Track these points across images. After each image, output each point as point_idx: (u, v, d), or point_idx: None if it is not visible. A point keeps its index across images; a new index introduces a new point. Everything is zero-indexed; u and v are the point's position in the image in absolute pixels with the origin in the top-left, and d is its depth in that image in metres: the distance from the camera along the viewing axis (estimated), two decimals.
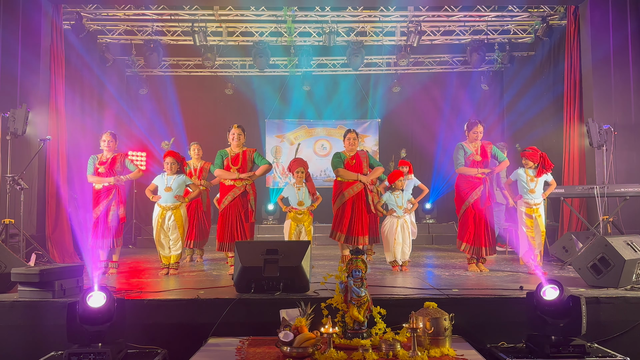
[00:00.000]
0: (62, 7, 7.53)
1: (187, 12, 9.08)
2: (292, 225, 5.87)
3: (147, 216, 9.40)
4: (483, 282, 4.60)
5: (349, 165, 5.63)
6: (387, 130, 11.79)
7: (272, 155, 11.74)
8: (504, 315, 3.59)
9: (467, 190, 5.38)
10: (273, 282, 3.80)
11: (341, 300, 3.23)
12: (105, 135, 5.56)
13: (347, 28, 9.77)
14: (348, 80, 11.44)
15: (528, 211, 5.30)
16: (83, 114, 8.46)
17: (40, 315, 3.56)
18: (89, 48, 9.02)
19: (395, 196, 5.56)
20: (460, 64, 11.03)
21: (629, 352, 3.22)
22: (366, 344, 3.02)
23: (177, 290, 4.11)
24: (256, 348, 3.13)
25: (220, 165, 5.34)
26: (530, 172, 5.33)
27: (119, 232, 5.49)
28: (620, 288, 4.02)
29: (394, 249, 5.46)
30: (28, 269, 3.92)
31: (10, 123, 6.07)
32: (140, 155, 10.14)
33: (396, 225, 5.47)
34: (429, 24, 9.65)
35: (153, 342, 3.36)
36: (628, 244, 4.31)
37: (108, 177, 5.43)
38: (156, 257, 5.70)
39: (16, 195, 5.98)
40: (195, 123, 11.18)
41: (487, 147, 5.46)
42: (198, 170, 6.55)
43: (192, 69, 11.08)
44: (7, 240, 5.65)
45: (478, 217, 5.33)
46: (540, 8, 8.88)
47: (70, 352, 2.96)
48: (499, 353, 3.19)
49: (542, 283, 3.14)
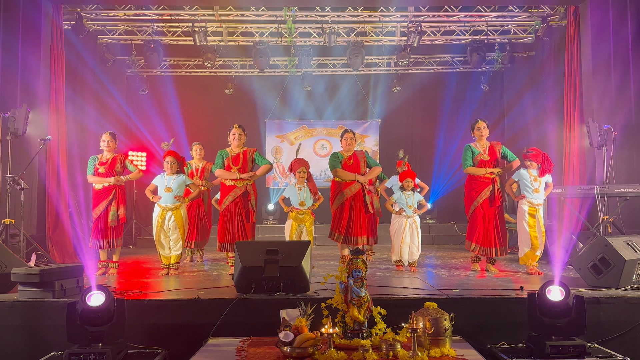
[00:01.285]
0: (62, 7, 7.54)
1: (187, 12, 9.08)
2: (294, 226, 5.88)
3: (147, 216, 9.41)
4: (483, 282, 4.60)
5: (347, 165, 5.62)
6: (387, 130, 11.79)
7: (272, 155, 11.74)
8: (504, 316, 3.59)
9: (476, 190, 5.39)
10: (273, 282, 3.80)
11: (341, 300, 3.23)
12: (105, 135, 5.56)
13: (347, 28, 9.77)
14: (348, 81, 11.46)
15: (531, 211, 5.30)
16: (83, 114, 8.46)
17: (40, 315, 3.56)
18: (89, 48, 9.02)
19: (407, 196, 5.56)
20: (460, 64, 11.03)
21: (629, 352, 3.22)
22: (366, 344, 3.01)
23: (177, 291, 4.11)
24: (256, 348, 3.13)
25: (220, 165, 5.33)
26: (533, 172, 5.33)
27: (119, 232, 5.49)
28: (621, 288, 4.01)
29: (401, 248, 5.45)
30: (28, 269, 3.92)
31: (11, 123, 6.07)
32: (140, 156, 10.14)
33: (404, 225, 5.47)
34: (429, 24, 9.65)
35: (153, 342, 3.36)
36: (628, 244, 4.31)
37: (108, 178, 5.42)
38: (156, 257, 5.70)
39: (16, 195, 5.98)
40: (195, 123, 11.20)
41: (495, 146, 5.48)
42: (200, 170, 6.54)
43: (192, 69, 11.08)
44: (7, 240, 5.65)
45: (487, 217, 5.34)
46: (540, 8, 8.88)
47: (70, 352, 2.96)
48: (499, 353, 3.19)
49: (548, 283, 3.14)
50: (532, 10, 9.10)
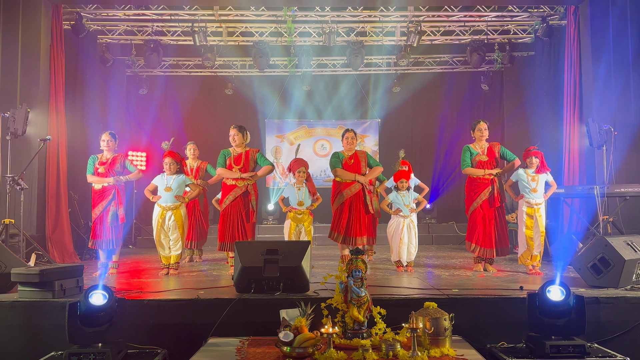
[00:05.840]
0: (62, 7, 7.53)
1: (187, 12, 9.08)
2: (292, 226, 5.88)
3: (147, 216, 9.40)
4: (483, 282, 4.60)
5: (347, 165, 5.62)
6: (387, 130, 11.79)
7: (272, 155, 11.74)
8: (504, 315, 3.59)
9: (475, 192, 5.39)
10: (273, 282, 3.80)
11: (341, 300, 3.23)
12: (105, 135, 5.56)
13: (347, 28, 9.76)
14: (348, 80, 11.45)
15: (529, 211, 5.29)
16: (83, 114, 8.45)
17: (40, 315, 3.56)
18: (89, 48, 9.01)
19: (402, 195, 5.56)
20: (460, 64, 11.03)
21: (629, 352, 3.22)
22: (366, 344, 3.01)
23: (177, 291, 4.11)
24: (256, 348, 3.13)
25: (222, 164, 5.34)
26: (530, 172, 5.33)
27: (119, 232, 5.49)
28: (620, 288, 4.01)
29: (399, 248, 5.45)
30: (28, 269, 3.92)
31: (10, 123, 6.07)
32: (140, 156, 10.13)
33: (402, 225, 5.47)
34: (429, 24, 9.65)
35: (153, 342, 3.36)
36: (628, 244, 4.31)
37: (107, 178, 5.42)
38: (156, 257, 5.70)
39: (16, 195, 5.98)
40: (195, 123, 11.19)
41: (494, 147, 5.47)
42: (194, 169, 6.53)
43: (192, 69, 11.08)
44: (7, 240, 5.65)
45: (487, 218, 5.34)
46: (540, 8, 8.88)
47: (70, 352, 2.96)
48: (499, 353, 3.19)
49: (548, 283, 3.14)
50: (532, 10, 9.10)
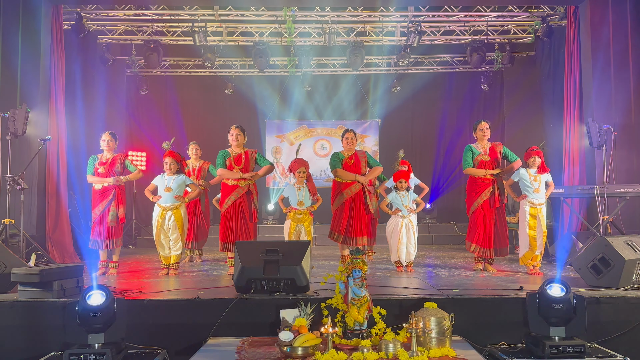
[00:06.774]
0: (62, 7, 7.52)
1: (187, 12, 9.07)
2: (292, 226, 5.88)
3: (147, 216, 9.40)
4: (483, 282, 4.61)
5: (348, 165, 5.61)
6: (387, 130, 11.78)
7: (272, 155, 11.74)
8: (504, 315, 3.59)
9: (476, 192, 5.38)
10: (273, 282, 3.80)
11: (341, 300, 3.24)
12: (105, 135, 5.56)
13: (347, 28, 9.76)
14: (348, 80, 11.44)
15: (532, 211, 5.27)
16: (83, 114, 8.45)
17: (40, 315, 3.55)
18: (89, 48, 9.01)
19: (401, 196, 5.56)
20: (460, 64, 11.03)
21: (629, 352, 3.23)
22: (366, 344, 3.01)
23: (177, 291, 4.11)
24: (256, 348, 3.13)
25: (222, 165, 5.32)
26: (532, 172, 5.32)
27: (119, 232, 5.49)
28: (620, 288, 4.02)
29: (398, 249, 5.44)
30: (28, 269, 3.92)
31: (10, 123, 6.06)
32: (140, 156, 10.14)
33: (401, 225, 5.46)
34: (429, 24, 9.64)
35: (153, 342, 3.36)
36: (628, 244, 4.31)
37: (107, 178, 5.42)
38: (156, 257, 5.70)
39: (16, 195, 5.97)
40: (195, 123, 11.20)
41: (496, 147, 5.47)
42: (197, 169, 6.53)
43: (192, 69, 11.08)
44: (7, 240, 5.65)
45: (488, 219, 5.34)
46: (540, 8, 8.88)
47: (70, 352, 2.96)
48: (499, 353, 3.20)
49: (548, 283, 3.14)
50: (532, 10, 9.10)
